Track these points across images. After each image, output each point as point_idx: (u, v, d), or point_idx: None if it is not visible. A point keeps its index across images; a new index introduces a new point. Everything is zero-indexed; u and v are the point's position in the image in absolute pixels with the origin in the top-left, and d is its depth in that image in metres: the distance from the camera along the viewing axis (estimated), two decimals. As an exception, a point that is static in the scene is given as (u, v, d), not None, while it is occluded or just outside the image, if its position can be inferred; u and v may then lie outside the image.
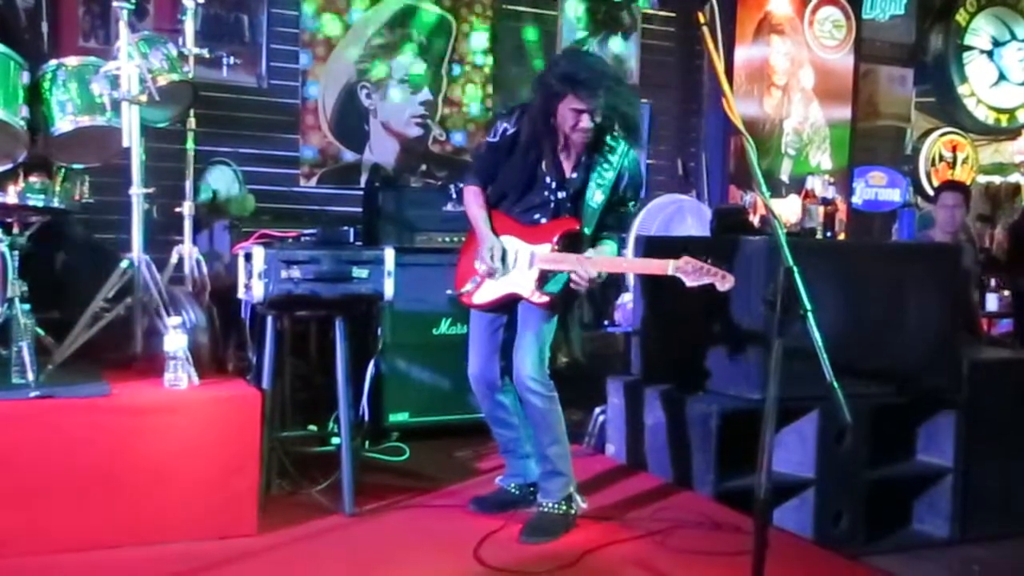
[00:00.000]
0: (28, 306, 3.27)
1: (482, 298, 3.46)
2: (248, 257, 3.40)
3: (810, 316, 2.29)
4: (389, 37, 6.05)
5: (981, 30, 8.35)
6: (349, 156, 5.97)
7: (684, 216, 5.78)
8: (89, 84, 3.53)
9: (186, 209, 4.26)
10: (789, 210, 6.81)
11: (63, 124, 3.51)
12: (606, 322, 5.44)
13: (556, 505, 3.39)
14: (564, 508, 3.39)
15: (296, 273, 3.36)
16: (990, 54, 8.41)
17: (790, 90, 7.26)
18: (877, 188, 7.85)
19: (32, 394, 3.04)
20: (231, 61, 4.53)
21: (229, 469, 3.18)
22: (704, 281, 3.12)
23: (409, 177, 5.77)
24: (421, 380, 4.67)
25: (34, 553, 2.92)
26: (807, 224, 4.56)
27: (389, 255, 3.53)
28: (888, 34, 8.00)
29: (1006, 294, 6.66)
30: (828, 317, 2.83)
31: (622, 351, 5.03)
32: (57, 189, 3.61)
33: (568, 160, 3.38)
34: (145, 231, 3.64)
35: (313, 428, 4.31)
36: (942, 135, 8.32)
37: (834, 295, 3.80)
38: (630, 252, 4.73)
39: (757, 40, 7.11)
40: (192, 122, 4.29)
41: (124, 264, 3.55)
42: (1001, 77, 8.46)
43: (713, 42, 2.58)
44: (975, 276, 5.85)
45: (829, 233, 4.51)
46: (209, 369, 3.54)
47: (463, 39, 6.27)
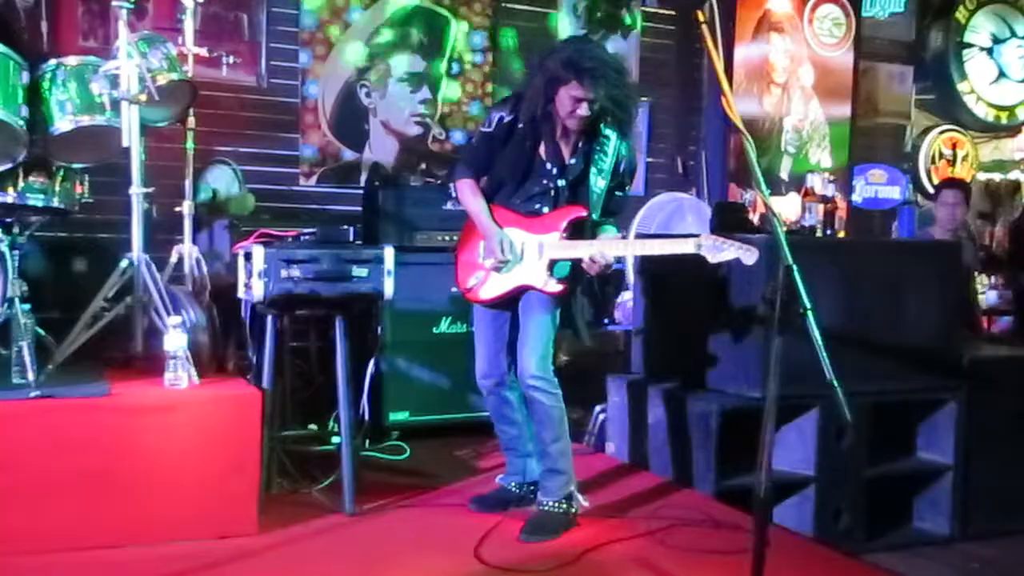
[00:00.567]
0: (28, 306, 3.27)
1: (489, 292, 3.45)
2: (248, 256, 3.40)
3: (810, 314, 2.29)
4: (389, 36, 6.05)
5: (981, 27, 8.34)
6: (349, 155, 5.96)
7: (684, 214, 5.78)
8: (89, 83, 3.53)
9: (186, 208, 4.26)
10: (789, 208, 6.81)
11: (62, 123, 3.51)
12: (606, 320, 5.44)
13: (557, 503, 3.39)
14: (565, 506, 3.39)
15: (296, 272, 3.36)
16: (990, 51, 8.40)
17: (790, 88, 7.26)
18: (877, 186, 7.84)
19: (32, 394, 3.04)
20: (230, 60, 4.52)
21: (229, 468, 3.18)
22: (728, 256, 3.10)
23: (409, 176, 5.74)
24: (421, 379, 4.67)
25: (34, 553, 2.92)
26: (807, 222, 4.56)
27: (389, 254, 3.53)
28: (888, 31, 7.99)
29: (1006, 291, 6.66)
30: (828, 315, 2.83)
31: (622, 349, 5.03)
32: (57, 189, 3.61)
33: (567, 146, 3.38)
34: (145, 230, 3.64)
35: (313, 427, 4.31)
36: (942, 132, 8.31)
37: (834, 293, 3.80)
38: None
39: (757, 38, 7.10)
40: (192, 121, 4.28)
41: (124, 264, 3.55)
42: (1001, 74, 8.45)
43: (712, 40, 2.58)
44: (975, 273, 5.86)
45: (829, 231, 4.50)
46: (209, 368, 3.53)
47: (463, 38, 6.27)
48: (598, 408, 4.58)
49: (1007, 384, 4.27)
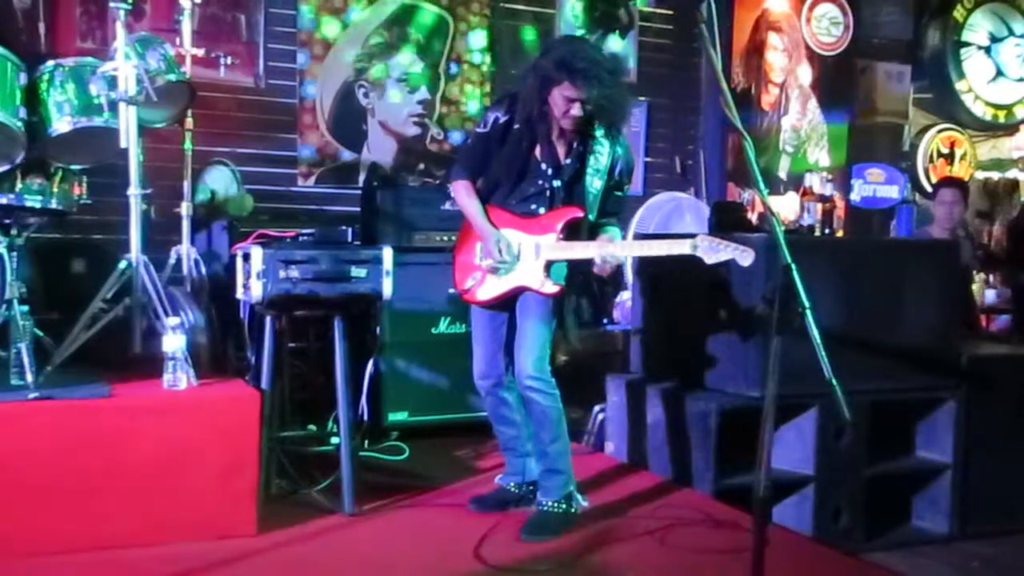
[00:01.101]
0: (27, 307, 3.27)
1: (486, 294, 3.45)
2: (246, 257, 3.40)
3: (808, 313, 2.30)
4: (387, 36, 6.04)
5: (978, 26, 8.34)
6: (347, 155, 5.96)
7: (683, 214, 5.79)
8: (87, 85, 3.53)
9: (184, 209, 4.26)
10: (787, 207, 6.82)
11: (60, 125, 3.51)
12: (605, 320, 5.44)
13: (556, 503, 3.39)
14: (564, 506, 3.39)
15: (294, 273, 3.36)
16: (988, 50, 8.40)
17: (788, 87, 7.26)
18: (875, 185, 7.84)
19: (31, 395, 3.04)
20: (228, 61, 4.53)
21: (228, 469, 3.18)
22: (723, 257, 3.09)
23: (407, 176, 5.75)
24: (420, 379, 4.67)
25: (34, 553, 2.92)
26: (805, 221, 4.56)
27: (387, 254, 3.53)
28: (886, 30, 7.99)
29: (1005, 289, 6.67)
30: (827, 314, 2.83)
31: (621, 349, 5.03)
32: (55, 190, 3.61)
33: (562, 147, 3.38)
34: (143, 231, 3.64)
35: (312, 428, 4.31)
36: (940, 131, 8.31)
37: (833, 292, 3.80)
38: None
39: (755, 37, 7.11)
40: (190, 122, 4.29)
41: (122, 265, 3.55)
42: (999, 73, 8.45)
43: (711, 40, 2.58)
44: (973, 272, 5.86)
45: (827, 230, 4.51)
46: (208, 369, 3.53)
47: (461, 38, 6.26)
48: (597, 408, 4.57)
49: (1006, 383, 4.27)
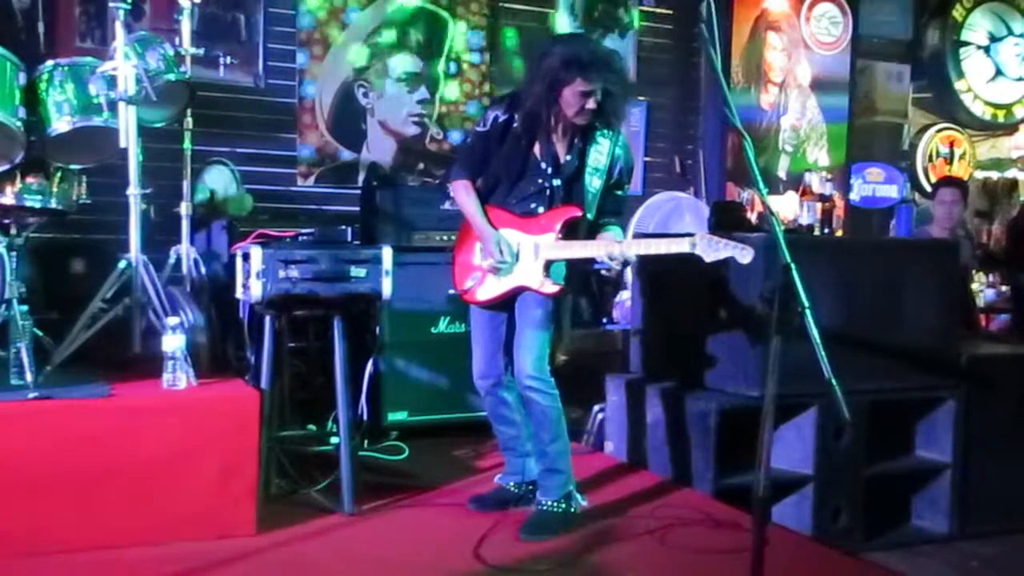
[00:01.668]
0: (26, 307, 3.27)
1: (486, 294, 3.45)
2: (246, 257, 3.40)
3: (808, 313, 2.30)
4: (386, 36, 6.05)
5: (978, 25, 8.34)
6: (347, 155, 5.96)
7: (682, 213, 5.79)
8: (86, 84, 3.53)
9: (184, 209, 4.25)
10: (787, 207, 6.81)
11: (60, 124, 3.51)
12: (605, 319, 5.45)
13: (556, 503, 3.39)
14: (564, 506, 3.39)
15: (294, 272, 3.35)
16: (987, 49, 8.40)
17: (787, 86, 7.26)
18: (874, 184, 7.84)
19: (31, 395, 3.04)
20: (228, 61, 4.53)
21: (228, 469, 3.18)
22: (722, 255, 3.09)
23: (407, 176, 5.76)
24: (420, 379, 4.67)
25: (34, 553, 2.92)
26: (805, 221, 4.56)
27: (387, 254, 3.53)
28: (885, 30, 7.99)
29: (1004, 289, 6.67)
30: (826, 314, 2.83)
31: (621, 348, 5.03)
32: (54, 190, 3.60)
33: (562, 145, 3.38)
34: (143, 231, 3.64)
35: (312, 428, 4.31)
36: (939, 131, 8.32)
37: (832, 292, 3.80)
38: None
39: (754, 37, 7.11)
40: (189, 122, 4.28)
41: (122, 264, 3.55)
42: (998, 72, 8.46)
43: (710, 39, 2.58)
44: (972, 271, 5.86)
45: (827, 230, 4.52)
46: (208, 369, 3.53)
47: (460, 37, 6.27)
48: (597, 407, 4.57)
49: (1005, 382, 4.27)
